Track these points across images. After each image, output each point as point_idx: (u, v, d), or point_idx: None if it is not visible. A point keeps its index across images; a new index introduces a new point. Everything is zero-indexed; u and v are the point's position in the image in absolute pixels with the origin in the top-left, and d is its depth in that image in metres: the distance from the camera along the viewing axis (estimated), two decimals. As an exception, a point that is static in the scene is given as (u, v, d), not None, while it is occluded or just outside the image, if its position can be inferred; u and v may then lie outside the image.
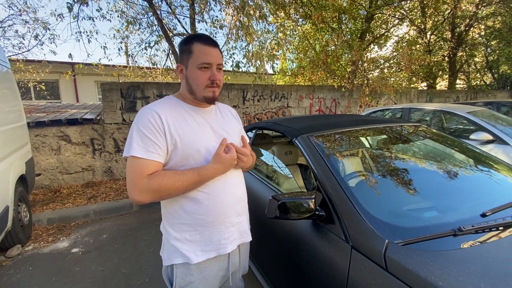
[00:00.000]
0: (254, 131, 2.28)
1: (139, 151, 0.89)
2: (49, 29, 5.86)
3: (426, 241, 0.91)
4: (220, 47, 1.04)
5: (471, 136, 3.15)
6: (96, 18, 5.57)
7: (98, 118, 4.43)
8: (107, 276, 2.23)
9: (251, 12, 3.61)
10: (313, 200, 1.10)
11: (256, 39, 5.25)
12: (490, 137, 3.05)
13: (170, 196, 0.93)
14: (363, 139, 1.76)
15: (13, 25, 6.37)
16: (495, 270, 0.77)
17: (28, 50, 6.67)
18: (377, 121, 1.84)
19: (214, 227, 0.98)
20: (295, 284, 1.24)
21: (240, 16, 3.99)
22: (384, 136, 1.76)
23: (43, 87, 8.04)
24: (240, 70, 4.98)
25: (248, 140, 1.26)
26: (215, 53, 0.96)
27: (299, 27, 7.61)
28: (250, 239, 1.14)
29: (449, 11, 9.50)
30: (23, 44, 6.40)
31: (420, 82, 11.53)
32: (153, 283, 2.13)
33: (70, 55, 5.18)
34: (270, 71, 4.69)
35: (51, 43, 5.85)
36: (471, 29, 10.32)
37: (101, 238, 2.91)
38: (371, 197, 1.21)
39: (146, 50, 6.22)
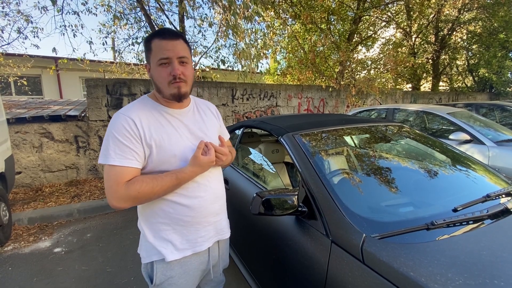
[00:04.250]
0: (241, 129, 2.29)
1: (117, 159, 0.87)
2: (31, 22, 5.65)
3: (401, 235, 0.96)
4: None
5: (450, 136, 3.29)
6: (81, 12, 5.42)
7: (83, 115, 4.32)
8: (91, 276, 2.20)
9: (238, 11, 3.61)
10: (296, 197, 1.13)
11: (246, 37, 5.26)
12: (468, 137, 3.18)
13: (149, 201, 0.93)
14: (346, 138, 1.81)
15: (-9, 18, 6.09)
16: (462, 260, 0.83)
17: (8, 44, 6.39)
18: (361, 120, 1.90)
19: (191, 226, 0.98)
20: (278, 278, 1.27)
21: (227, 15, 3.99)
22: (367, 135, 1.82)
23: (25, 82, 7.74)
24: (226, 65, 4.97)
25: (227, 138, 1.26)
26: (174, 46, 0.91)
27: (288, 27, 7.66)
28: (228, 235, 1.16)
29: (433, 15, 9.82)
30: (2, 37, 6.12)
31: (405, 83, 11.87)
32: (138, 281, 2.11)
33: (54, 49, 5.02)
34: (258, 70, 4.70)
35: (34, 36, 5.64)
36: (454, 33, 10.70)
37: (85, 237, 2.85)
38: (352, 194, 1.25)
39: (134, 46, 6.11)
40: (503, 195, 1.23)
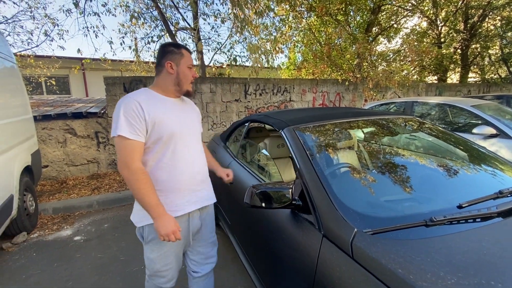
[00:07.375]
0: (247, 123, 2.29)
1: (128, 133, 1.09)
2: (57, 25, 6.00)
3: (396, 231, 0.91)
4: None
5: (474, 130, 3.07)
6: (102, 13, 5.66)
7: (102, 111, 4.54)
8: (106, 263, 2.32)
9: (249, 5, 3.59)
10: (291, 190, 1.12)
11: (261, 32, 5.20)
12: (494, 131, 2.95)
13: (130, 188, 1.13)
14: (348, 131, 1.75)
15: (20, 21, 6.53)
16: (457, 259, 0.77)
17: (37, 46, 6.83)
18: (366, 113, 1.82)
19: (179, 192, 1.23)
20: (274, 271, 1.27)
21: (237, 10, 3.97)
22: (371, 129, 1.74)
23: (53, 82, 8.26)
24: (238, 64, 4.98)
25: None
26: (192, 59, 1.29)
27: (304, 20, 7.48)
28: (210, 203, 1.39)
29: (462, 1, 9.13)
30: (31, 39, 6.55)
31: (431, 75, 11.20)
32: (148, 270, 2.20)
33: (78, 50, 5.31)
34: (268, 64, 4.65)
35: (60, 38, 6.00)
36: (486, 19, 9.89)
37: (103, 227, 3.01)
38: (348, 188, 1.21)
39: (150, 45, 6.28)
40: (520, 192, 1.13)
